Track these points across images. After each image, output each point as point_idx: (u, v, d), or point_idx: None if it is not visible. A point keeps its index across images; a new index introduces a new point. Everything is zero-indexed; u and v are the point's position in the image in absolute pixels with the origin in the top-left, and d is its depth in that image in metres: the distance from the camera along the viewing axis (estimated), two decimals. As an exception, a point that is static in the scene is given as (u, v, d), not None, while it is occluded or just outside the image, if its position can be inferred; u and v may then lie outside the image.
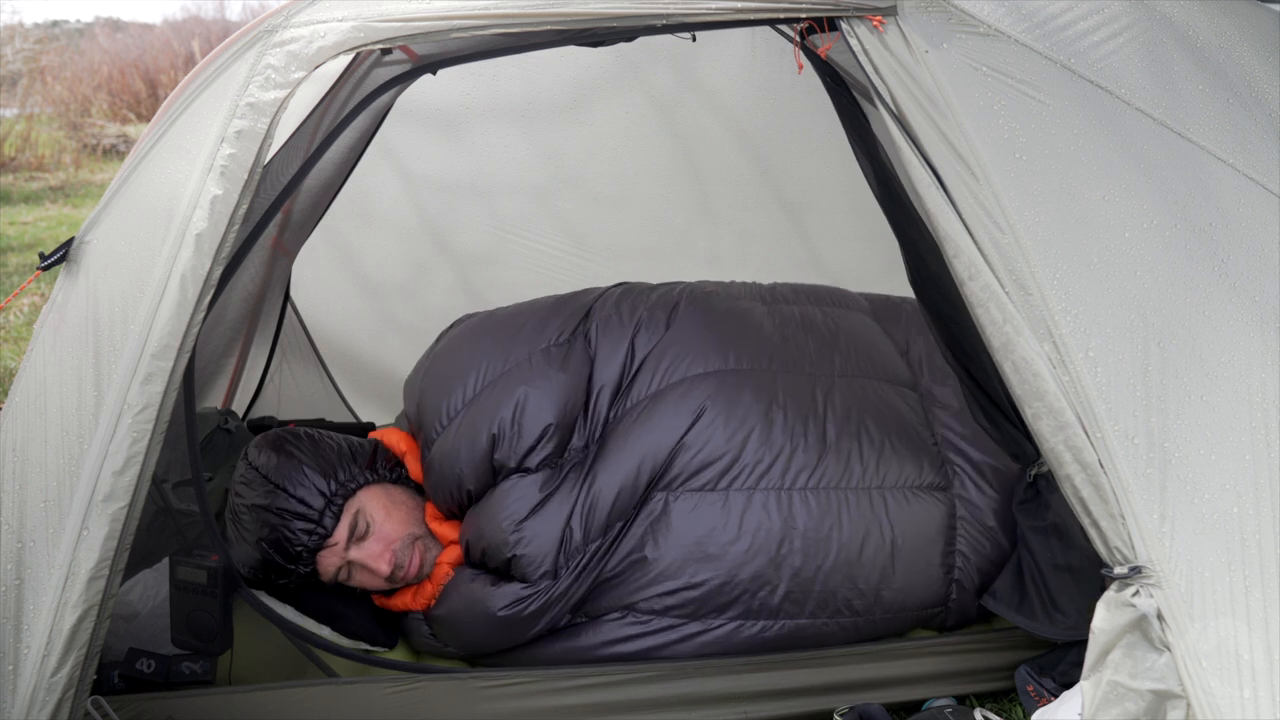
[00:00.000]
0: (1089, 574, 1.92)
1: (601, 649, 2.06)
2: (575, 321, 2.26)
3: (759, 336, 2.26)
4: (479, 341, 2.24)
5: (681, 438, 2.08)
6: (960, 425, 2.20)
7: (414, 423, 2.26)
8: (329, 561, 2.10)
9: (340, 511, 2.08)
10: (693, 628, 2.05)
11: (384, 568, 2.08)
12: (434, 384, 2.22)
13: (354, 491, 2.11)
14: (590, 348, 2.21)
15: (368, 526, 2.09)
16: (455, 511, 2.18)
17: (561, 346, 2.21)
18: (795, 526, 2.04)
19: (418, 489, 2.24)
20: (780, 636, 2.05)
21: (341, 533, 2.08)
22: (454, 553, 2.18)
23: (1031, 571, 2.03)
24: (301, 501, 2.06)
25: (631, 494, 2.06)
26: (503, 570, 2.07)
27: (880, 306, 2.53)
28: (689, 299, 2.33)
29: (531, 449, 2.09)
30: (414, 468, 2.24)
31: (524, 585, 2.03)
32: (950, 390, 2.26)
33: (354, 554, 2.09)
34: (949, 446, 2.19)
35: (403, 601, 2.18)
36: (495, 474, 2.10)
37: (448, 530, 2.19)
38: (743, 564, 2.03)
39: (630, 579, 2.04)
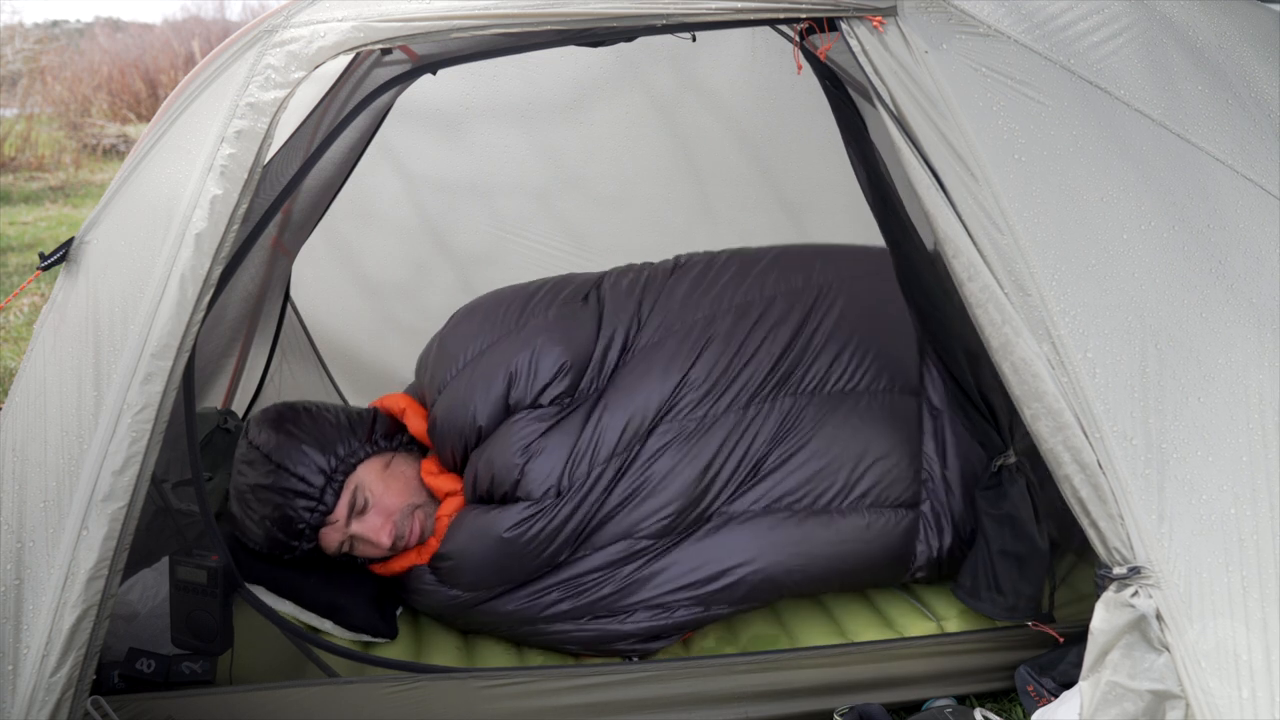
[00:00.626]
0: (1032, 563, 2.04)
1: (597, 572, 2.11)
2: (587, 288, 2.39)
3: (756, 273, 2.39)
4: (496, 305, 2.36)
5: (685, 374, 2.20)
6: None
7: (424, 381, 2.34)
8: (331, 537, 2.15)
9: (341, 488, 2.14)
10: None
11: (385, 540, 2.14)
12: (451, 336, 2.32)
13: (354, 467, 2.17)
14: (600, 304, 2.34)
15: (366, 501, 2.15)
16: (457, 460, 2.24)
17: (573, 303, 2.33)
18: (778, 424, 2.18)
19: (419, 448, 2.31)
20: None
21: (342, 510, 2.13)
22: (452, 504, 2.23)
23: (982, 553, 2.10)
24: (302, 480, 2.11)
25: (639, 426, 2.15)
26: (509, 497, 2.14)
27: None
28: (688, 257, 2.50)
29: (545, 386, 2.19)
30: (414, 424, 2.30)
31: (529, 504, 2.09)
32: None
33: (355, 528, 2.14)
34: (931, 359, 2.30)
35: (408, 560, 2.22)
36: (507, 414, 2.19)
37: (445, 483, 2.25)
38: (728, 457, 2.16)
39: (632, 506, 2.12)
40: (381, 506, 2.15)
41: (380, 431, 2.25)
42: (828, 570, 2.18)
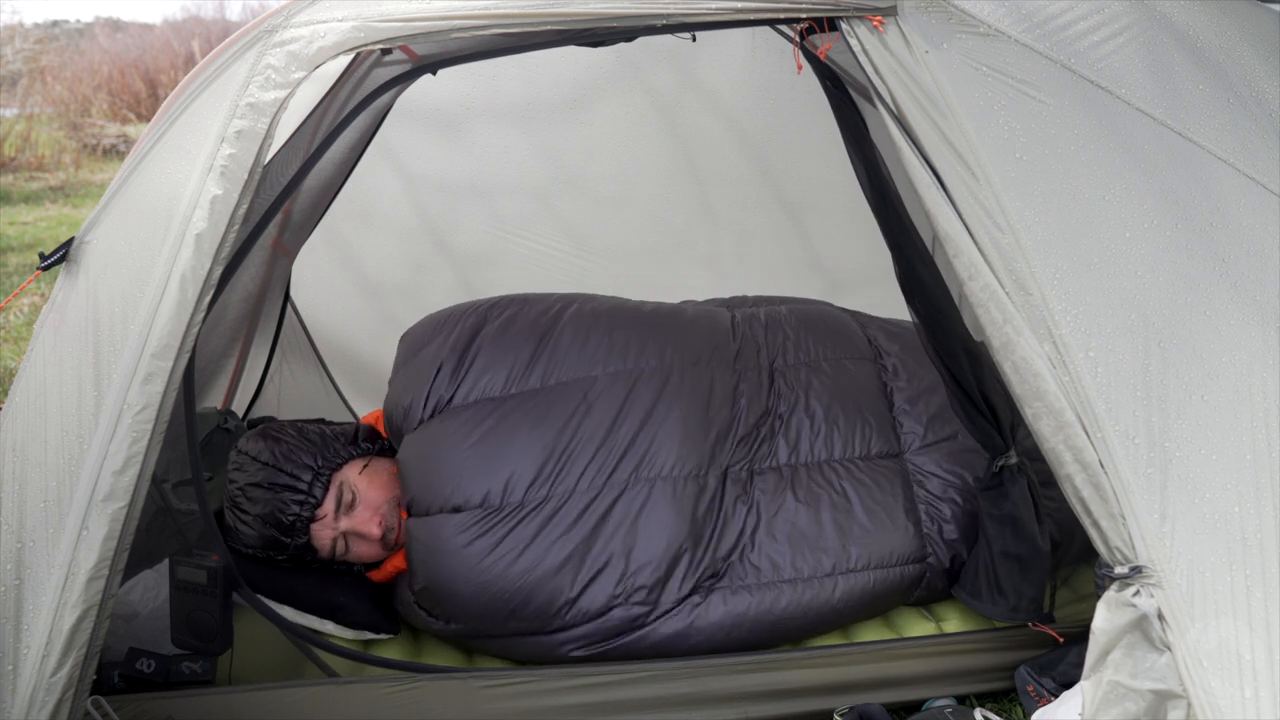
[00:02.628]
0: (1034, 564, 2.05)
1: (603, 641, 2.07)
2: (551, 310, 2.39)
3: (717, 331, 2.41)
4: (449, 312, 2.41)
5: (637, 433, 2.18)
6: (911, 393, 2.34)
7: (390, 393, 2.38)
8: (323, 535, 2.18)
9: (328, 484, 2.18)
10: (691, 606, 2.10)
11: (375, 530, 2.18)
12: (404, 338, 2.40)
13: (339, 465, 2.22)
14: (558, 326, 2.34)
15: (354, 496, 2.20)
16: None
17: (527, 324, 2.35)
18: (755, 499, 2.17)
19: (394, 451, 2.34)
20: (783, 607, 2.10)
21: (329, 505, 2.18)
22: None
23: (984, 555, 2.10)
24: (291, 475, 2.16)
25: (584, 462, 2.13)
26: (419, 508, 2.15)
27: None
28: (654, 305, 2.49)
29: (453, 372, 2.23)
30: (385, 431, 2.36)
31: (468, 513, 2.09)
32: (901, 360, 2.42)
33: (345, 523, 2.19)
34: (902, 415, 2.32)
35: (400, 560, 2.23)
36: (428, 411, 2.22)
37: None
38: (712, 524, 2.14)
39: (613, 559, 2.08)
40: (368, 500, 2.20)
41: (362, 436, 2.32)
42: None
